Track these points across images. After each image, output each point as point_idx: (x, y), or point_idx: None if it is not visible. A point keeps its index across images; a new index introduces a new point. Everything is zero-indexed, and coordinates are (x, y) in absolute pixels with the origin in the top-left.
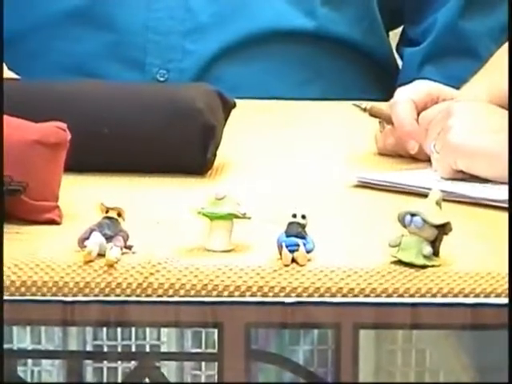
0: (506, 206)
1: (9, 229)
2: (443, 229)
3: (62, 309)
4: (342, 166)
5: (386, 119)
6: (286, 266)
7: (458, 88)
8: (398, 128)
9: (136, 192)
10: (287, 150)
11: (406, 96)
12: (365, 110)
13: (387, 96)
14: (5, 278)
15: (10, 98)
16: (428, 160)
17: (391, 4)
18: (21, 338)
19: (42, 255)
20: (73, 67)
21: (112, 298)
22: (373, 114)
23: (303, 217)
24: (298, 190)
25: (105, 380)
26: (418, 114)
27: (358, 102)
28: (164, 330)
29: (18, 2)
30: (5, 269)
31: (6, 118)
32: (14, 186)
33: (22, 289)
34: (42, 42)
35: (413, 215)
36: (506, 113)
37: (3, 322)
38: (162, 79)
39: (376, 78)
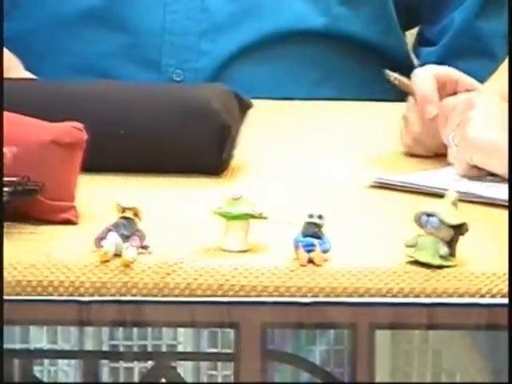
0: None
1: (25, 229)
2: (459, 229)
3: (79, 309)
4: (358, 166)
5: (411, 92)
6: (303, 266)
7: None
8: (417, 95)
9: (152, 192)
10: (303, 151)
11: (428, 70)
12: (394, 79)
13: (403, 96)
14: (21, 277)
15: (27, 97)
16: (444, 154)
17: (408, 4)
18: (37, 338)
19: (58, 255)
20: (88, 68)
21: (128, 297)
22: (401, 86)
23: (320, 217)
24: (314, 191)
25: (121, 380)
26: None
27: (389, 73)
28: (180, 330)
29: (33, 2)
30: (21, 268)
31: (22, 117)
32: (30, 186)
33: (39, 289)
34: (57, 42)
35: (429, 215)
36: None
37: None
38: (177, 79)
39: None
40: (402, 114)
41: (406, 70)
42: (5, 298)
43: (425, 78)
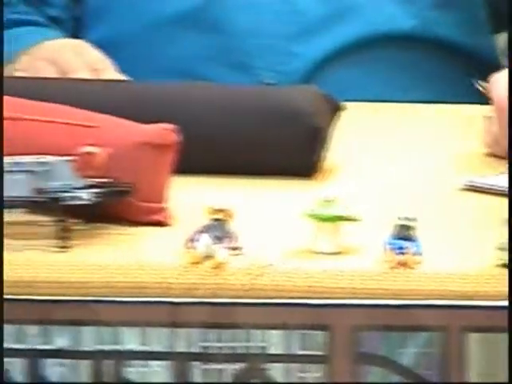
0: None
1: (116, 230)
2: None
3: (170, 310)
4: (450, 169)
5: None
6: (394, 268)
7: None
8: (493, 99)
9: (244, 194)
10: (395, 153)
11: (505, 75)
12: (483, 89)
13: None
14: (110, 278)
15: (119, 99)
16: None
17: (498, 7)
18: (129, 339)
19: (149, 257)
20: (179, 70)
21: (219, 299)
22: (484, 92)
23: (411, 219)
24: (406, 193)
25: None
26: None
27: (481, 83)
28: (271, 332)
29: (126, 5)
30: (112, 270)
31: (114, 119)
32: (121, 188)
33: (129, 290)
34: (149, 45)
35: None
36: None
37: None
38: (269, 82)
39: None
40: (484, 114)
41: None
42: (95, 298)
43: (502, 82)
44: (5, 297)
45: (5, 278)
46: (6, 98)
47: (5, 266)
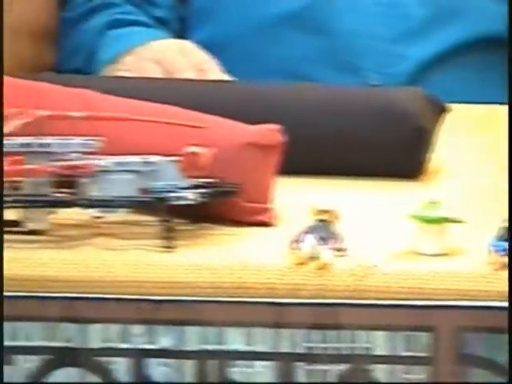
0: None
1: (221, 230)
2: None
3: (274, 311)
4: None
5: None
6: (498, 270)
7: None
8: None
9: (348, 195)
10: (499, 155)
11: None
12: None
13: None
14: (215, 278)
15: (225, 99)
16: None
17: None
18: (233, 340)
19: (253, 257)
20: (285, 71)
21: (324, 300)
22: None
23: None
24: None
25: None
26: None
27: None
28: (375, 333)
29: (232, 6)
30: (215, 270)
31: (220, 119)
32: (227, 188)
33: (233, 290)
34: (255, 45)
35: None
36: None
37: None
38: (374, 83)
39: None
40: None
41: None
42: (199, 298)
43: None
44: (112, 296)
45: (112, 277)
46: (112, 97)
47: (112, 265)
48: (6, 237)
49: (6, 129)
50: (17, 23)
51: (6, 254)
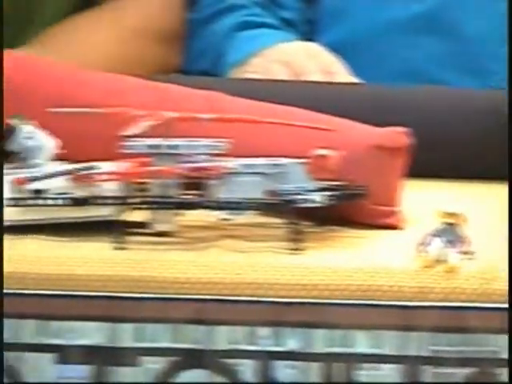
0: None
1: (348, 233)
2: None
3: (401, 313)
4: None
5: None
6: None
7: None
8: None
9: (475, 198)
10: None
11: None
12: None
13: None
14: (341, 281)
15: (352, 102)
16: None
17: None
18: (360, 342)
19: (381, 260)
20: (412, 74)
21: (451, 303)
22: None
23: None
24: None
25: None
26: None
27: None
28: (504, 337)
29: (361, 8)
30: (344, 272)
31: (347, 121)
32: (354, 191)
33: (360, 293)
34: (385, 48)
35: None
36: None
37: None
38: (500, 87)
39: None
40: None
41: None
42: (327, 301)
43: None
44: (239, 298)
45: (240, 279)
46: (239, 99)
47: (240, 267)
48: (132, 238)
49: (135, 130)
50: (143, 25)
51: (134, 255)
